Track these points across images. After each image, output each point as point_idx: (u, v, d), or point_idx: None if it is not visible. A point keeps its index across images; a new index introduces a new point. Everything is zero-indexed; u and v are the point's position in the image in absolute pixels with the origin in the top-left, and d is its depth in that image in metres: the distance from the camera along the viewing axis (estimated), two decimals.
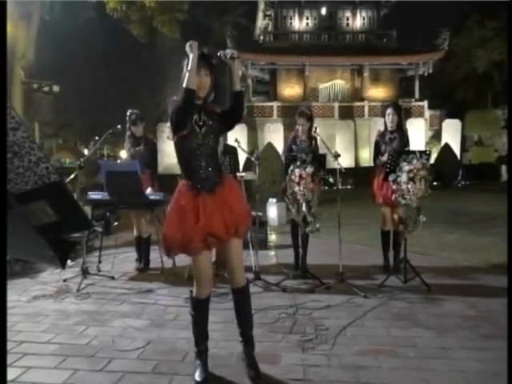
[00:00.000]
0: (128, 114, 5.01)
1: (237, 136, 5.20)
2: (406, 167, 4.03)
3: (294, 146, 4.77)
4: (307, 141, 4.73)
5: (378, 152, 4.77)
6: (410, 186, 4.01)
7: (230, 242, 2.48)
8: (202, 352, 2.56)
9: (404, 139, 4.66)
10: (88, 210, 5.10)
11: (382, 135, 4.79)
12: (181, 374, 2.57)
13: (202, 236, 2.39)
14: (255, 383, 2.47)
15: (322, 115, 23.87)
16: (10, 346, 2.93)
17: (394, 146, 4.60)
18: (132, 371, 2.61)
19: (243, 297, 2.59)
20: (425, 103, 25.02)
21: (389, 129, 4.72)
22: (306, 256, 4.64)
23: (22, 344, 3.00)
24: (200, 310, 2.56)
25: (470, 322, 3.29)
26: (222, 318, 3.36)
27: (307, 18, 26.87)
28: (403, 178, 4.04)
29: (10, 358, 2.74)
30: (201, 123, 2.48)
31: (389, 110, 4.71)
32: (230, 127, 2.61)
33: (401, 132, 4.71)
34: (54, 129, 27.68)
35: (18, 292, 4.26)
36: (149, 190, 4.78)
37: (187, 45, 2.41)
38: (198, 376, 2.47)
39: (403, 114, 4.92)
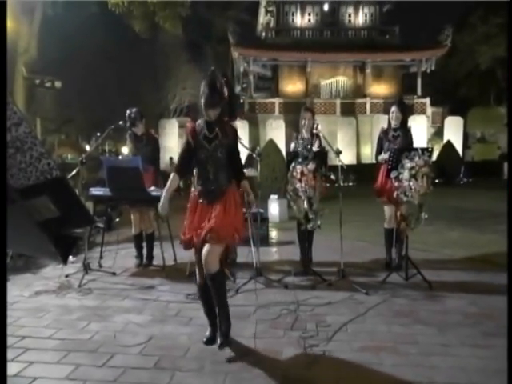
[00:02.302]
0: (127, 114, 4.96)
1: (238, 132, 5.19)
2: (408, 164, 4.02)
3: (295, 144, 4.76)
4: (310, 138, 4.73)
5: (380, 149, 4.76)
6: (411, 183, 4.00)
7: (208, 244, 2.80)
8: (209, 319, 3.01)
9: (407, 137, 4.63)
10: (90, 205, 5.11)
11: (385, 132, 4.77)
12: (182, 369, 2.58)
13: (191, 235, 2.84)
14: (220, 348, 2.82)
15: (323, 112, 23.84)
16: (12, 340, 2.95)
17: (397, 143, 4.58)
18: (134, 366, 2.61)
19: (214, 282, 2.85)
20: (427, 100, 24.96)
21: (392, 126, 4.69)
22: (311, 251, 4.69)
23: (24, 339, 3.01)
24: (202, 292, 2.98)
25: (472, 320, 3.29)
26: None
27: (309, 14, 26.78)
28: (405, 175, 4.03)
29: (12, 353, 2.75)
30: (211, 136, 2.86)
31: (393, 108, 4.67)
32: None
33: (404, 130, 4.68)
34: (56, 124, 27.70)
35: (20, 287, 4.28)
36: (152, 189, 4.76)
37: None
38: (204, 337, 2.94)
39: (407, 112, 4.88)
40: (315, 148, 4.63)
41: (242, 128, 18.77)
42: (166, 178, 2.99)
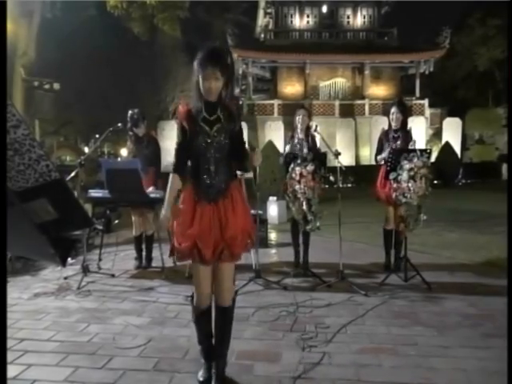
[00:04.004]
0: (129, 114, 4.94)
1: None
2: (406, 165, 4.03)
3: (292, 145, 4.76)
4: (305, 138, 4.73)
5: (380, 150, 4.75)
6: (410, 185, 4.01)
7: (221, 263, 2.34)
8: (204, 350, 2.48)
9: (408, 138, 4.63)
10: (89, 207, 5.10)
11: (385, 133, 4.76)
12: (181, 371, 2.58)
13: (191, 243, 2.26)
14: None
15: (322, 113, 23.88)
16: (11, 343, 2.94)
17: (397, 144, 4.58)
18: (133, 369, 2.61)
19: (226, 316, 2.44)
20: (426, 101, 25.00)
21: (393, 127, 4.68)
22: (308, 254, 4.66)
23: (23, 341, 3.00)
24: (200, 317, 2.45)
25: (471, 321, 3.29)
26: None
27: (308, 16, 26.81)
28: (404, 176, 4.04)
29: (11, 356, 2.74)
30: (212, 118, 2.31)
31: (393, 109, 4.65)
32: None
33: (405, 131, 4.67)
34: (54, 126, 27.64)
35: (19, 289, 4.27)
36: (151, 189, 4.76)
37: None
38: (200, 376, 2.46)
39: (407, 112, 4.89)
40: (305, 150, 4.61)
41: None
42: (164, 179, 2.74)
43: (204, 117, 2.30)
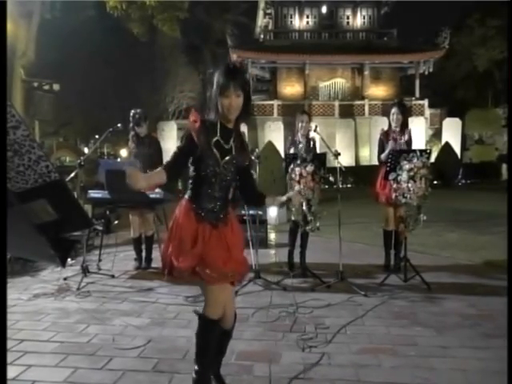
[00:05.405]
0: (131, 114, 4.95)
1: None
2: (406, 166, 4.03)
3: (293, 148, 4.76)
4: (305, 144, 4.72)
5: (381, 151, 4.75)
6: (410, 185, 4.01)
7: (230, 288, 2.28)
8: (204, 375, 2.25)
9: (407, 138, 4.64)
10: (88, 208, 5.11)
11: (385, 134, 4.78)
12: (181, 372, 2.58)
13: (197, 261, 2.13)
14: None
15: (322, 114, 23.88)
16: (10, 344, 2.94)
17: (397, 145, 4.58)
18: (132, 369, 2.61)
19: (228, 337, 2.40)
20: (425, 102, 25.00)
21: (392, 128, 4.70)
22: (305, 256, 4.66)
23: (22, 342, 3.00)
24: (212, 331, 2.23)
25: (471, 321, 3.30)
26: None
27: (307, 17, 26.82)
28: (404, 176, 4.04)
29: (10, 357, 2.74)
30: (227, 147, 2.21)
31: (394, 110, 4.67)
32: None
33: (404, 131, 4.69)
34: (54, 127, 27.61)
35: (18, 290, 4.27)
36: (158, 190, 4.75)
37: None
38: None
39: (407, 113, 4.91)
40: (302, 150, 4.62)
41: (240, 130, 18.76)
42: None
43: (218, 141, 2.19)
